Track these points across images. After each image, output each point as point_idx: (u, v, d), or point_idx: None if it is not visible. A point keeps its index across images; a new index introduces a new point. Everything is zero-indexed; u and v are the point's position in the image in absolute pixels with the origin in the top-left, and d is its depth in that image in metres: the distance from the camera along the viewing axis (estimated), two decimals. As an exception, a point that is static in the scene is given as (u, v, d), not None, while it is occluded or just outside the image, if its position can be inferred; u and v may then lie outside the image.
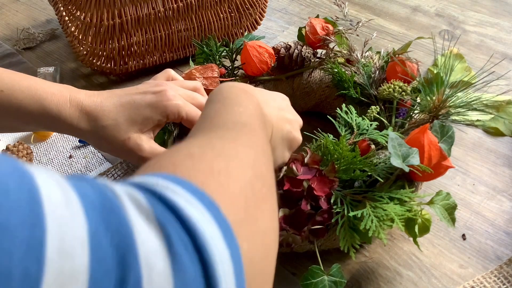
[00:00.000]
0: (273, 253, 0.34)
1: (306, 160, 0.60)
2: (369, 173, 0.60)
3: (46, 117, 0.55)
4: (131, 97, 0.57)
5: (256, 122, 0.43)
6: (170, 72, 0.67)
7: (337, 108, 0.71)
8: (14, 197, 0.19)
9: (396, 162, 0.55)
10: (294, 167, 0.58)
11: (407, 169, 0.56)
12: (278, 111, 0.53)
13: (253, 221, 0.31)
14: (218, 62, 0.82)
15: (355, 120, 0.69)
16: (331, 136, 0.65)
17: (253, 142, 0.39)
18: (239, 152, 0.36)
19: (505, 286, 0.61)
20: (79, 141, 0.85)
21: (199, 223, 0.25)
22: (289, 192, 0.57)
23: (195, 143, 0.36)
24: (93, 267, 0.20)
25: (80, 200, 0.22)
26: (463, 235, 0.68)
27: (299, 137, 0.56)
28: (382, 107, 0.73)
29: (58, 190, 0.21)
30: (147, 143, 0.58)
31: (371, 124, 0.68)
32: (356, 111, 0.70)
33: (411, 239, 0.59)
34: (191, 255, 0.24)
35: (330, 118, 0.71)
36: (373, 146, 0.65)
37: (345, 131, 0.68)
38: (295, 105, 0.85)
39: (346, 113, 0.70)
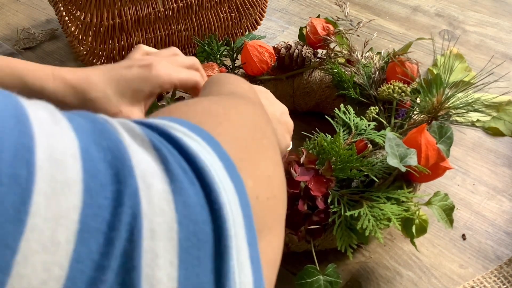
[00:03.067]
0: (282, 198, 0.32)
1: (301, 160, 0.60)
2: (366, 173, 0.60)
3: (29, 94, 0.52)
4: (117, 71, 0.55)
5: (251, 95, 0.42)
6: (144, 47, 0.64)
7: (335, 108, 0.71)
8: None
9: (393, 161, 0.55)
10: (292, 169, 0.58)
11: (403, 169, 0.56)
12: (266, 99, 0.53)
13: (255, 163, 0.30)
14: (219, 61, 0.82)
15: (353, 120, 0.69)
16: (329, 136, 0.65)
17: (250, 102, 0.38)
18: (237, 104, 0.35)
19: (505, 286, 0.61)
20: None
21: (198, 152, 0.24)
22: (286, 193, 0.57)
23: (191, 100, 0.35)
24: (87, 179, 0.19)
25: (68, 122, 0.21)
26: (463, 235, 0.68)
27: (291, 121, 0.55)
28: (382, 107, 0.73)
29: (45, 111, 0.20)
30: (138, 116, 0.56)
31: (369, 125, 0.68)
32: (355, 112, 0.70)
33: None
34: (191, 179, 0.23)
35: (328, 118, 0.71)
36: (369, 145, 0.65)
37: (343, 131, 0.68)
38: (295, 105, 0.86)
39: (344, 113, 0.70)
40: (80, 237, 0.18)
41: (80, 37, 0.93)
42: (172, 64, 0.57)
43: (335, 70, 0.78)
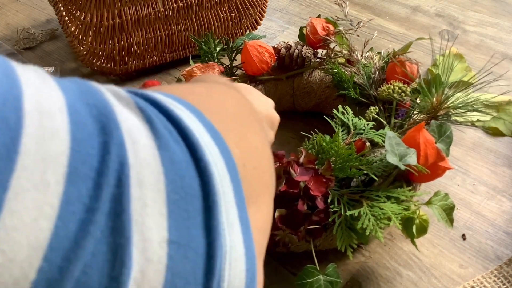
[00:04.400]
0: (269, 170, 0.32)
1: (301, 160, 0.60)
2: (365, 172, 0.60)
3: None
4: None
5: (235, 88, 0.42)
6: None
7: (334, 109, 0.71)
8: None
9: (392, 159, 0.55)
10: (291, 169, 0.58)
11: (403, 167, 0.56)
12: (250, 94, 0.52)
13: (241, 135, 0.30)
14: (216, 60, 0.82)
15: (352, 120, 0.69)
16: (328, 136, 0.65)
17: (234, 90, 0.38)
18: (221, 88, 0.35)
19: (505, 286, 0.61)
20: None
21: (183, 117, 0.24)
22: (286, 192, 0.57)
23: (175, 83, 0.36)
24: (74, 130, 0.20)
25: (56, 83, 0.21)
26: (463, 235, 0.68)
27: (276, 115, 0.54)
28: (382, 107, 0.73)
29: (33, 71, 0.21)
30: None
31: (367, 124, 0.68)
32: (355, 112, 0.70)
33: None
34: (176, 138, 0.23)
35: (327, 118, 0.71)
36: (368, 144, 0.65)
37: (342, 131, 0.68)
38: (295, 105, 0.86)
39: (343, 113, 0.70)
40: (69, 180, 0.19)
41: (80, 37, 0.93)
42: None
43: (335, 70, 0.78)
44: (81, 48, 0.94)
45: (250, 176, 0.28)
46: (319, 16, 0.84)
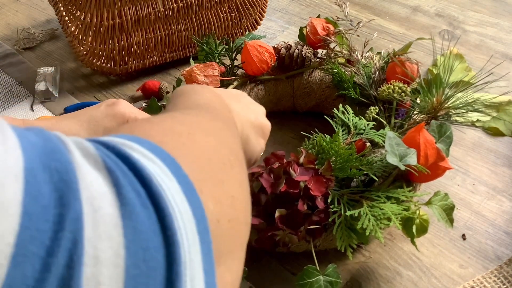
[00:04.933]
0: (244, 220, 0.32)
1: (301, 160, 0.60)
2: (365, 172, 0.60)
3: None
4: (87, 112, 0.56)
5: (217, 105, 0.42)
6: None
7: (334, 108, 0.71)
8: None
9: (392, 159, 0.55)
10: (291, 169, 0.58)
11: (403, 167, 0.56)
12: (239, 102, 0.52)
13: (218, 183, 0.29)
14: (217, 61, 0.82)
15: (352, 120, 0.69)
16: (328, 136, 0.65)
17: (216, 116, 0.38)
18: (202, 122, 0.35)
19: (505, 286, 0.61)
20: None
21: (155, 174, 0.23)
22: (286, 193, 0.57)
23: (155, 117, 0.34)
24: (27, 201, 0.19)
25: (18, 140, 0.20)
26: (463, 235, 0.68)
27: (267, 123, 0.54)
28: (382, 107, 0.73)
29: None
30: None
31: (368, 124, 0.68)
32: (355, 112, 0.71)
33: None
34: (144, 203, 0.22)
35: (327, 118, 0.71)
36: (368, 144, 0.65)
37: (342, 131, 0.68)
38: (295, 105, 0.86)
39: (343, 113, 0.70)
40: (14, 262, 0.18)
41: (80, 37, 0.93)
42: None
43: (335, 70, 0.78)
44: (81, 48, 0.94)
45: (223, 231, 0.28)
46: (319, 16, 0.84)
